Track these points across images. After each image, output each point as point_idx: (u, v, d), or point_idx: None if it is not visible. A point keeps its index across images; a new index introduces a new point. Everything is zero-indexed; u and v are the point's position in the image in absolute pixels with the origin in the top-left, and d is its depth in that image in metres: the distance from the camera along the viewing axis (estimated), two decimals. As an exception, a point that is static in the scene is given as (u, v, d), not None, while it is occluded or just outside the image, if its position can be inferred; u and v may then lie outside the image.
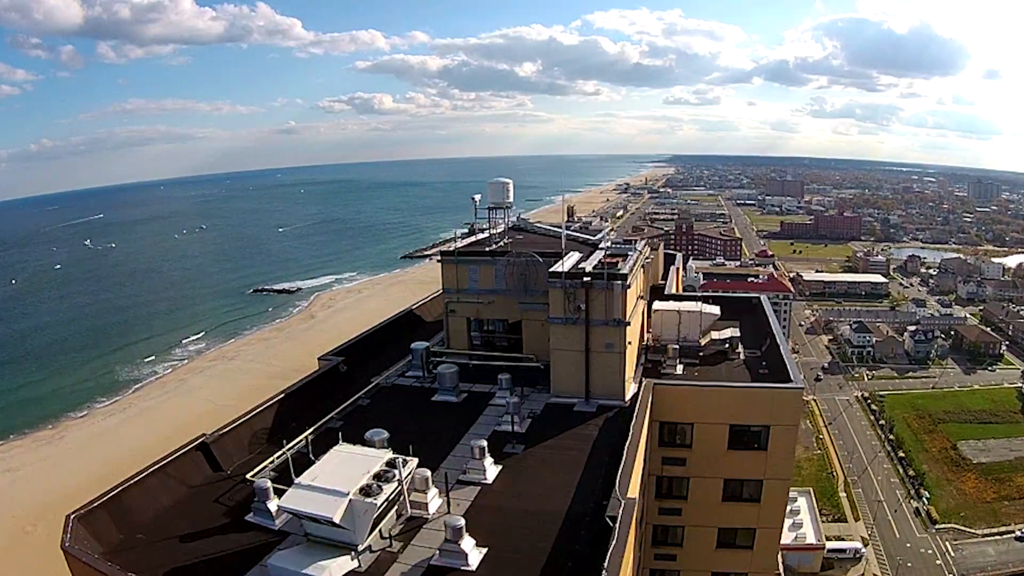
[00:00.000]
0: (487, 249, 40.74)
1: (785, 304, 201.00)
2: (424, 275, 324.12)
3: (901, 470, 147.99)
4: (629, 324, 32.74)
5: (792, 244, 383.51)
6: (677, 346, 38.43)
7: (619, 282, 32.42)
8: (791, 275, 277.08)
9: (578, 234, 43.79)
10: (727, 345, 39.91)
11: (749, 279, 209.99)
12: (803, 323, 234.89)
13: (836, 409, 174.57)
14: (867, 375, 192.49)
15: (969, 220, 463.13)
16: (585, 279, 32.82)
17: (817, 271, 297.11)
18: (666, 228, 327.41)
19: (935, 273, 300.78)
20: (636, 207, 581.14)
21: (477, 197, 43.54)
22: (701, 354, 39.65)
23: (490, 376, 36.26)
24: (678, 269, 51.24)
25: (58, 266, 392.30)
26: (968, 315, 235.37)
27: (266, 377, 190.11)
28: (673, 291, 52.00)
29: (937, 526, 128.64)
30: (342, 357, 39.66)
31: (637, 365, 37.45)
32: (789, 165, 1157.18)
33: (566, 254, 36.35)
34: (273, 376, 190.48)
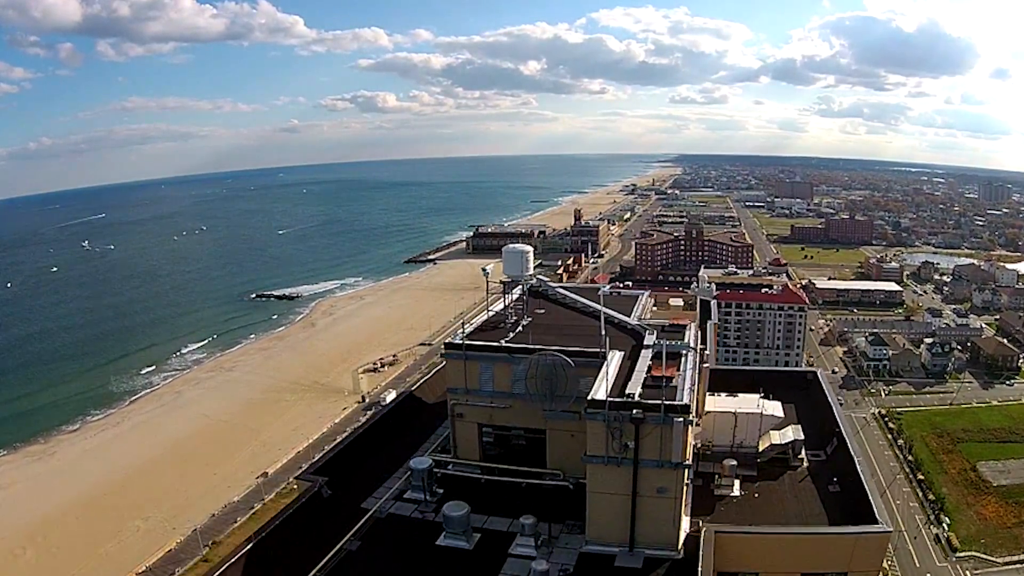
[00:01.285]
0: (503, 343, 33.80)
1: (800, 316, 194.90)
2: (428, 281, 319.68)
3: (920, 494, 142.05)
4: (689, 466, 26.46)
5: (803, 249, 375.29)
6: (734, 462, 31.98)
7: (680, 419, 26.06)
8: (803, 282, 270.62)
9: (613, 313, 36.76)
10: (789, 450, 33.51)
11: (763, 289, 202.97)
12: (813, 327, 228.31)
13: (853, 427, 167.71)
14: (884, 391, 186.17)
15: (981, 223, 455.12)
16: (635, 412, 26.41)
17: (830, 278, 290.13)
18: (675, 233, 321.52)
19: (949, 280, 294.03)
20: (643, 209, 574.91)
21: (489, 267, 36.94)
22: (759, 460, 33.27)
23: (507, 498, 29.97)
24: (715, 325, 44.68)
25: (55, 268, 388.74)
26: (984, 325, 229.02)
27: (263, 390, 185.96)
28: (711, 350, 45.14)
29: (958, 554, 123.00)
30: (325, 477, 32.72)
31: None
32: (797, 165, 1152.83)
33: (604, 354, 29.80)
34: (269, 389, 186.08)
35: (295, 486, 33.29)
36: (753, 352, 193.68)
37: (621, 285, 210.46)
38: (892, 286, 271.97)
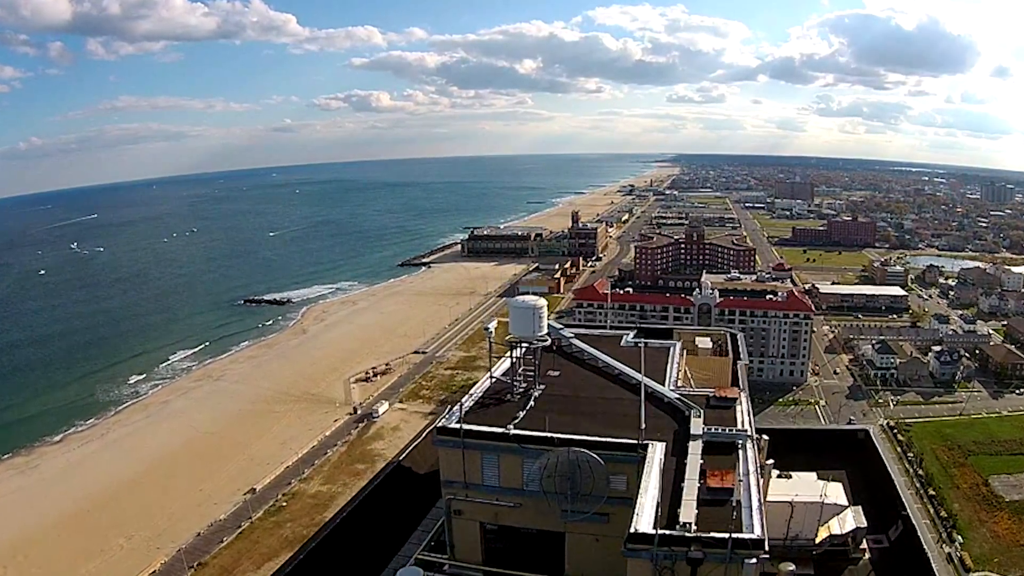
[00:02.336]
0: (510, 429, 27.26)
1: (806, 324, 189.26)
2: (422, 285, 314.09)
3: (932, 510, 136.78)
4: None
5: (805, 251, 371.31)
6: (792, 567, 25.51)
7: (752, 560, 20.04)
8: (806, 287, 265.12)
9: (645, 380, 29.89)
10: (849, 539, 27.28)
11: (768, 296, 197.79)
12: (815, 330, 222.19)
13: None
14: (892, 401, 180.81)
15: (984, 225, 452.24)
16: (692, 551, 20.26)
17: (834, 283, 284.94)
18: (675, 236, 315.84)
19: (954, 284, 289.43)
20: (641, 210, 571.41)
21: (492, 326, 30.29)
22: (814, 553, 27.04)
23: None
24: (745, 366, 38.31)
25: (43, 271, 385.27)
26: (991, 331, 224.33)
27: (251, 401, 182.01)
28: (746, 397, 38.44)
29: (971, 574, 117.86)
30: None
31: None
32: (796, 165, 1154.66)
33: (643, 447, 23.27)
34: (258, 400, 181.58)
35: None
36: (757, 361, 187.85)
37: (621, 291, 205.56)
38: (897, 291, 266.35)
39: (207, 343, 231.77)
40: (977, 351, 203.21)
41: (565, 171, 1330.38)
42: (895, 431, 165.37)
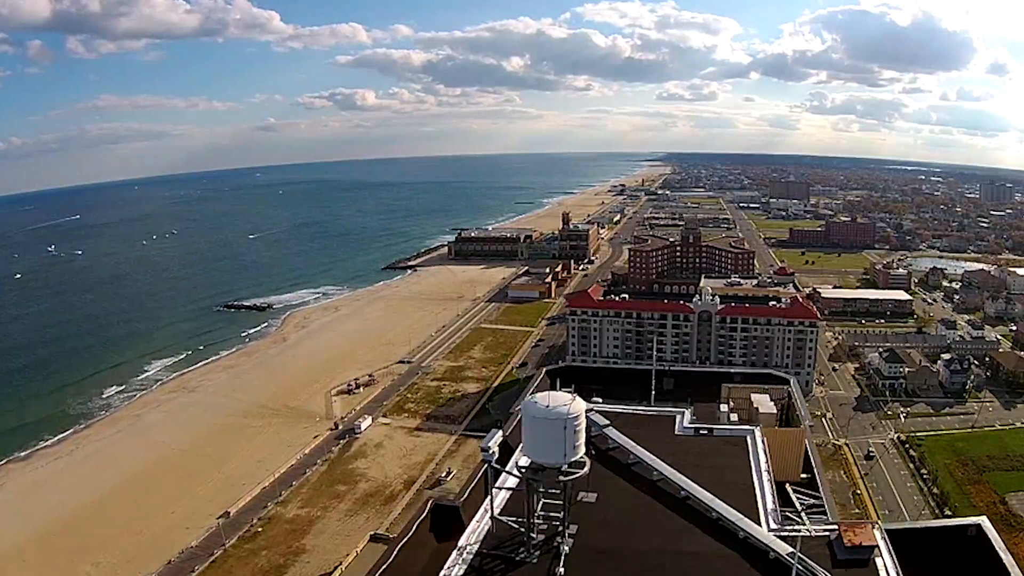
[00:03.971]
0: None
1: (812, 332, 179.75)
2: (407, 289, 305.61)
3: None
4: None
5: (803, 253, 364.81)
6: None
7: None
8: (807, 290, 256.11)
9: (748, 526, 18.90)
10: None
11: (771, 303, 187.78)
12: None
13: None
14: (902, 413, 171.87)
15: (986, 226, 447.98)
16: None
17: (835, 287, 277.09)
18: (671, 238, 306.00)
19: (959, 287, 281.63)
20: (633, 211, 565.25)
21: (494, 443, 19.58)
22: None
23: None
24: (811, 428, 28.19)
25: (18, 275, 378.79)
26: (999, 336, 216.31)
27: (228, 415, 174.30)
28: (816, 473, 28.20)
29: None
30: None
31: None
32: (790, 164, 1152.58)
33: None
34: (235, 413, 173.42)
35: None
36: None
37: (616, 297, 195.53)
38: (902, 295, 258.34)
39: (183, 352, 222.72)
40: (987, 358, 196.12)
41: (554, 170, 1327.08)
42: (907, 446, 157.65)
